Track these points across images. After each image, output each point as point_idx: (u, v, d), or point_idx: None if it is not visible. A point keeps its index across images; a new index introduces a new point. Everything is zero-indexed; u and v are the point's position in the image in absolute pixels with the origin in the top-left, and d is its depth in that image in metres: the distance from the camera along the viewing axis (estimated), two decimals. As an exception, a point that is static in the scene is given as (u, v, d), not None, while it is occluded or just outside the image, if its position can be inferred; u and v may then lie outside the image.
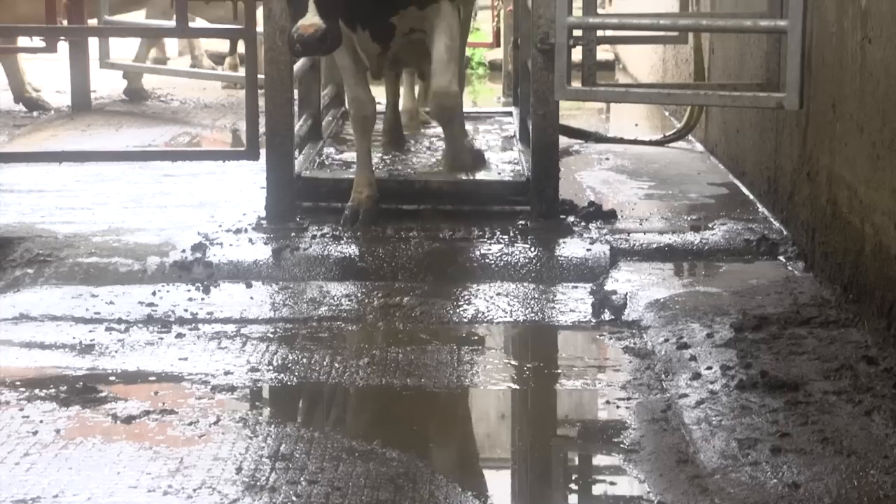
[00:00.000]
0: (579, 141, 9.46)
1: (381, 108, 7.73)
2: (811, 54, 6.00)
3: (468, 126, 8.74)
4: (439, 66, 6.89)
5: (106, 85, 11.96)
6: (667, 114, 10.76)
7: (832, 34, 5.76)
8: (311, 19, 5.98)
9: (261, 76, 7.12)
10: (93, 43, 11.43)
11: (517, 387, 5.03)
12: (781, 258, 6.39)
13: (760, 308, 5.53)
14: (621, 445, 4.39)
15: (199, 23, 11.90)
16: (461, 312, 5.83)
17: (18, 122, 10.50)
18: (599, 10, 10.27)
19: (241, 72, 8.67)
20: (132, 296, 5.94)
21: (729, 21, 7.21)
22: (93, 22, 10.61)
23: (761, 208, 7.26)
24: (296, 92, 7.56)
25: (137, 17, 12.16)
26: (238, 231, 6.74)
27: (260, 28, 7.23)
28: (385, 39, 6.89)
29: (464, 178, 7.43)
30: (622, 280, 6.11)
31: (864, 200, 5.26)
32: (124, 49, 12.49)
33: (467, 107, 10.21)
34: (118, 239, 6.66)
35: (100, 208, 7.39)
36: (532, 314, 5.84)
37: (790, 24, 5.58)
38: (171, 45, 14.38)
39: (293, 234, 6.67)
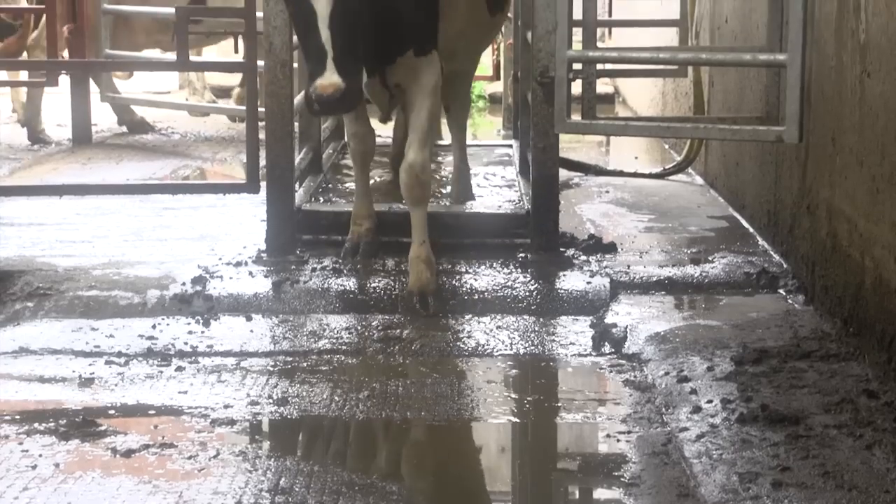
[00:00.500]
0: (579, 174, 9.47)
1: (381, 139, 7.72)
2: (811, 88, 6.01)
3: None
4: (416, 138, 6.45)
5: (107, 118, 11.98)
6: (666, 147, 10.77)
7: (831, 68, 5.78)
8: (330, 78, 5.61)
9: (261, 109, 7.13)
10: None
11: (517, 420, 5.02)
12: (782, 291, 6.39)
13: (761, 341, 5.53)
14: (622, 479, 4.37)
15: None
16: (461, 345, 5.82)
17: (19, 155, 10.50)
18: (599, 44, 10.31)
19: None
20: (132, 329, 5.94)
21: (728, 55, 7.23)
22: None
23: (761, 241, 7.26)
24: (296, 125, 7.57)
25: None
26: (238, 264, 6.74)
27: (261, 62, 7.25)
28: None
29: (464, 210, 7.43)
30: (622, 313, 6.11)
31: (864, 234, 5.26)
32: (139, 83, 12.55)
33: (468, 139, 10.23)
34: (118, 272, 6.66)
35: (100, 241, 7.39)
36: (532, 347, 5.84)
37: (789, 58, 5.60)
38: (172, 78, 14.41)
39: (293, 266, 6.67)
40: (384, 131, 8.41)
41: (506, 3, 7.49)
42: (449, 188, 8.22)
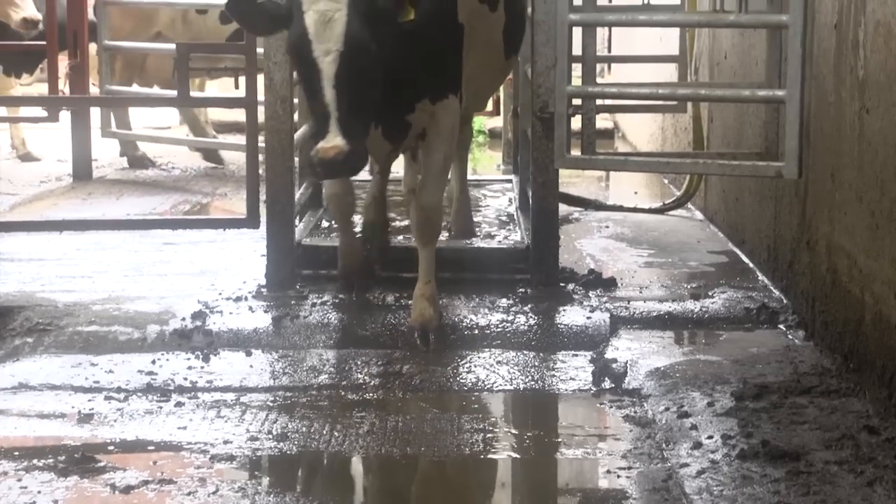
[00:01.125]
0: (579, 208, 9.48)
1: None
2: (810, 124, 6.03)
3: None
4: (431, 179, 6.38)
5: (107, 153, 12.00)
6: (666, 182, 10.79)
7: (830, 104, 5.80)
8: (333, 140, 5.37)
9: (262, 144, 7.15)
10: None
11: (517, 455, 5.01)
12: (782, 327, 6.38)
13: (761, 377, 5.52)
14: (622, 516, 4.37)
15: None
16: (461, 380, 5.81)
17: (19, 190, 10.51)
18: (598, 79, 10.33)
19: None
20: (132, 364, 5.93)
21: (727, 91, 7.25)
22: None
23: (761, 276, 7.26)
24: (296, 160, 7.58)
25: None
26: (238, 299, 6.74)
27: (261, 97, 7.27)
28: (398, 138, 6.32)
29: (465, 245, 7.44)
30: (622, 348, 6.11)
31: (863, 269, 5.27)
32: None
33: (468, 174, 10.25)
34: (118, 307, 6.66)
35: (100, 277, 7.40)
36: (532, 382, 5.83)
37: (788, 94, 5.62)
38: (173, 113, 14.43)
39: (293, 301, 6.67)
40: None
41: (519, 47, 7.30)
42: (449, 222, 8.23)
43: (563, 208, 8.31)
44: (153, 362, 5.94)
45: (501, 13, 6.72)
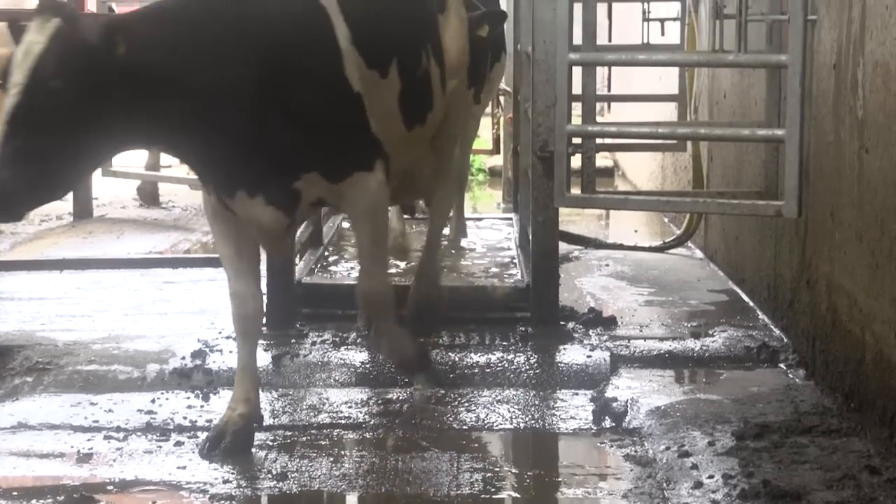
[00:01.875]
0: (579, 247, 9.49)
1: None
2: (809, 163, 6.04)
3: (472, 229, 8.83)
4: (364, 262, 5.88)
5: (108, 192, 12.02)
6: (666, 220, 10.80)
7: (830, 143, 5.81)
8: None
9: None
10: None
11: (518, 495, 4.99)
12: (782, 366, 6.38)
13: (762, 416, 5.51)
14: (623, 556, 4.35)
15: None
16: (461, 419, 5.80)
17: (20, 229, 10.53)
18: (598, 118, 10.36)
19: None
20: (131, 403, 5.92)
21: (727, 130, 7.26)
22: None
23: (761, 315, 7.26)
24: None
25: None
26: (238, 338, 6.73)
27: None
28: (286, 208, 5.37)
29: (465, 284, 7.44)
30: (623, 387, 6.09)
31: (864, 309, 5.26)
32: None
33: (468, 212, 10.27)
34: (118, 346, 6.66)
35: (100, 315, 7.39)
36: (532, 421, 5.82)
37: (788, 134, 5.63)
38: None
39: (293, 340, 6.66)
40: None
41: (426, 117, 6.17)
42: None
43: (564, 246, 8.31)
44: (153, 401, 5.93)
45: (395, 80, 5.74)
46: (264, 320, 6.85)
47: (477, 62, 7.54)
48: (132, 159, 12.73)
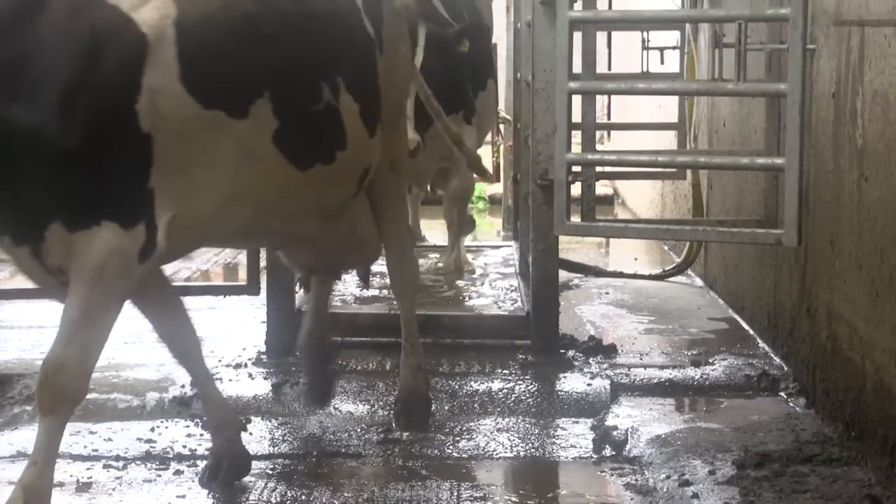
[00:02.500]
0: (579, 275, 9.49)
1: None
2: (809, 191, 6.05)
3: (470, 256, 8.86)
4: (61, 330, 4.61)
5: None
6: (666, 248, 10.80)
7: (829, 172, 5.82)
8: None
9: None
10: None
11: (518, 525, 4.99)
12: (783, 394, 6.37)
13: (762, 445, 5.50)
14: (624, 586, 4.34)
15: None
16: (461, 448, 5.79)
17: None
18: (598, 146, 10.37)
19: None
20: (130, 432, 5.91)
21: (726, 158, 7.28)
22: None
23: (761, 344, 7.25)
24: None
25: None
26: (238, 366, 6.73)
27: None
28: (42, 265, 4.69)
29: (465, 312, 7.44)
30: (623, 415, 6.08)
31: (864, 337, 5.26)
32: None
33: (467, 240, 10.27)
34: (118, 375, 6.65)
35: (100, 343, 7.37)
36: (533, 450, 5.81)
37: (787, 162, 5.64)
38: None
39: (293, 368, 6.65)
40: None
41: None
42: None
43: (564, 274, 8.32)
44: (152, 430, 5.92)
45: (266, 118, 4.90)
46: (265, 348, 6.93)
47: (457, 83, 7.48)
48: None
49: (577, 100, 6.61)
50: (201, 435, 5.88)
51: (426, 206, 11.10)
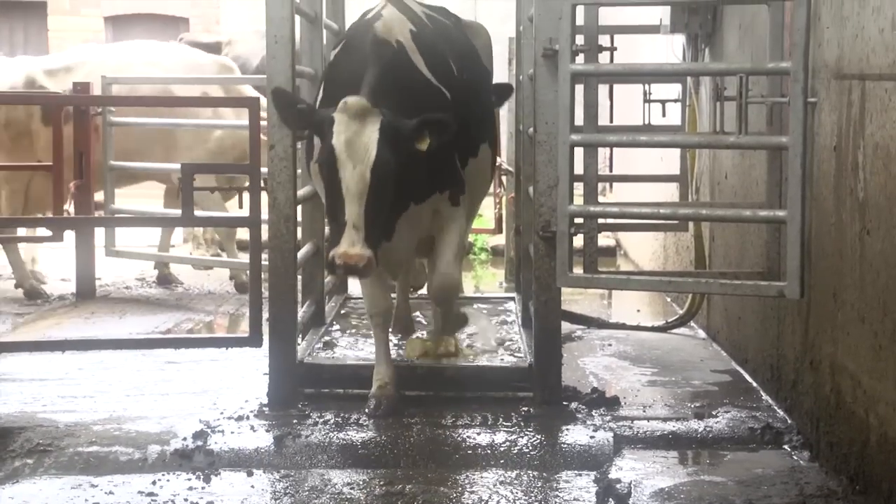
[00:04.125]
0: (582, 326, 9.48)
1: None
2: (811, 244, 6.06)
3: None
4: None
5: (111, 272, 12.04)
6: (668, 300, 10.80)
7: (831, 225, 5.83)
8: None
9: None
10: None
11: (521, 579, 4.96)
12: (786, 447, 6.35)
13: (766, 498, 5.48)
14: None
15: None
16: (464, 501, 5.76)
17: (22, 309, 10.53)
18: (600, 198, 10.39)
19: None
20: (132, 485, 5.88)
21: (729, 210, 7.29)
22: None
23: (765, 396, 7.24)
24: (299, 278, 7.60)
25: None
26: (240, 418, 6.72)
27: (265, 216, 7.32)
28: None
29: (467, 364, 7.43)
30: (626, 468, 6.06)
31: (867, 391, 5.25)
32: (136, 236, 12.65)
33: (469, 291, 10.27)
34: (119, 427, 6.63)
35: (102, 396, 7.37)
36: (535, 503, 5.78)
37: (789, 215, 5.65)
38: (177, 231, 14.50)
39: (295, 420, 6.64)
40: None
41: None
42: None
43: (566, 326, 8.31)
44: (154, 483, 5.90)
45: None
46: (267, 400, 6.92)
47: (436, 165, 6.76)
48: (134, 239, 12.78)
49: (579, 152, 6.63)
50: (203, 488, 5.87)
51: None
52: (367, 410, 6.75)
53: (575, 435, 6.47)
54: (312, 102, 7.02)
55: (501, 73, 10.36)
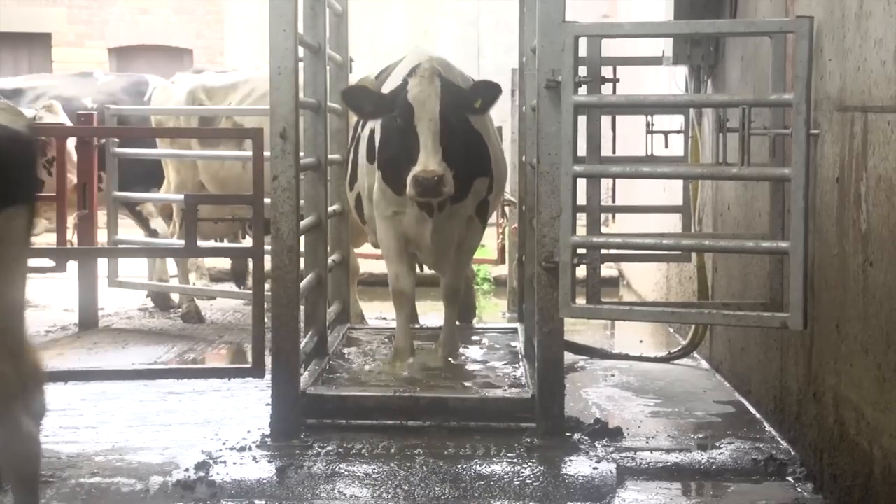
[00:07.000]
0: (584, 357, 9.47)
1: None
2: (814, 275, 6.05)
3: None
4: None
5: (114, 302, 12.04)
6: (671, 330, 10.79)
7: (834, 256, 5.83)
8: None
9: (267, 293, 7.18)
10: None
11: None
12: (790, 479, 6.33)
13: (770, 530, 5.46)
14: None
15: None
16: (467, 534, 5.75)
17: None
18: (603, 229, 10.40)
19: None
20: (134, 516, 5.88)
21: (731, 241, 7.29)
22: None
23: (768, 427, 7.22)
24: (302, 308, 7.60)
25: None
26: (242, 449, 6.70)
27: (268, 247, 7.32)
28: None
29: (470, 395, 7.42)
30: (629, 500, 6.05)
31: (871, 422, 5.24)
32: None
33: (472, 321, 10.27)
34: (121, 458, 6.62)
35: (104, 427, 7.36)
36: (538, 536, 5.77)
37: (792, 246, 5.65)
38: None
39: (298, 451, 6.63)
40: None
41: None
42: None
43: (569, 356, 8.30)
44: (155, 514, 5.89)
45: None
46: (269, 430, 6.91)
47: None
48: (137, 270, 12.79)
49: (581, 182, 6.64)
50: (205, 519, 5.86)
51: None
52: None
53: (578, 466, 6.45)
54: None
55: (505, 104, 10.38)
